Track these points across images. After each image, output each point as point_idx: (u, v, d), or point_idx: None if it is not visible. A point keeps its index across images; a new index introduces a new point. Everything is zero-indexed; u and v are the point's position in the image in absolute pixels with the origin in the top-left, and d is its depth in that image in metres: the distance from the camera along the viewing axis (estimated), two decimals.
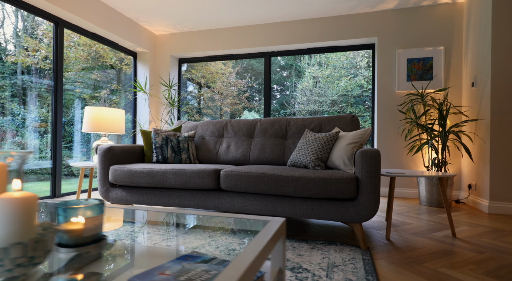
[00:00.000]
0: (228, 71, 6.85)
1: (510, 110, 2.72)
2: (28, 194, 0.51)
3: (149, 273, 0.74)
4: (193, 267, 0.78)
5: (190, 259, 0.83)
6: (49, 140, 3.30)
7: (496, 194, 2.73)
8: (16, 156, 0.60)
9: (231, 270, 0.50)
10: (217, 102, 6.93)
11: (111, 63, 4.61)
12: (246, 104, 7.01)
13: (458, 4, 3.45)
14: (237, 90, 6.88)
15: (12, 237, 0.49)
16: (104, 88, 4.45)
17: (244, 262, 0.53)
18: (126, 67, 4.80)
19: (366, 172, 1.69)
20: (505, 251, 1.72)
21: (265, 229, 0.76)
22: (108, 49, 4.39)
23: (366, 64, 6.59)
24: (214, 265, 0.79)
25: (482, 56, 2.96)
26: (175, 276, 0.73)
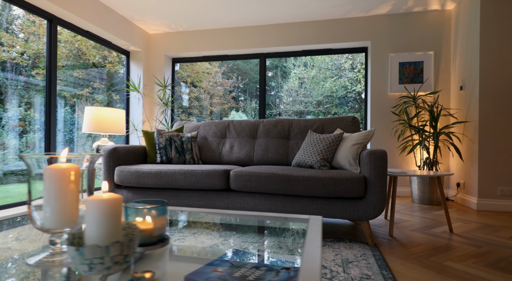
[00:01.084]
0: (214, 71, 6.85)
1: (498, 112, 2.89)
2: (115, 196, 0.52)
3: (202, 270, 0.76)
4: (241, 264, 0.81)
5: (234, 256, 0.86)
6: (37, 141, 3.20)
7: (484, 192, 2.90)
8: (90, 158, 0.61)
9: (307, 271, 0.54)
10: (204, 101, 6.90)
11: (94, 61, 4.50)
12: (232, 104, 7.03)
13: (447, 11, 3.63)
14: (223, 90, 6.89)
15: (104, 236, 0.51)
16: (87, 87, 4.33)
17: (315, 262, 0.57)
18: (110, 65, 4.70)
19: (374, 172, 1.76)
20: (500, 245, 1.84)
21: (312, 227, 0.81)
22: (91, 46, 4.28)
23: (350, 66, 6.76)
24: (261, 262, 0.83)
25: (470, 61, 3.13)
26: (229, 273, 0.75)
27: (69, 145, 3.94)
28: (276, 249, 0.89)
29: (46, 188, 0.58)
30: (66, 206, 0.58)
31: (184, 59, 4.78)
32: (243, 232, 0.97)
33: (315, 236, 0.72)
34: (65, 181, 0.57)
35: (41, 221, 0.59)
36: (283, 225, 1.02)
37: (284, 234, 0.95)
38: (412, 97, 3.44)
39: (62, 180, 0.57)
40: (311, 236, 0.72)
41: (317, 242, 0.67)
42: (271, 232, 0.97)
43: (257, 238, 0.94)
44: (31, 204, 0.60)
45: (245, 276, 0.75)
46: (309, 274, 0.51)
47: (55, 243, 0.59)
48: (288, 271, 0.78)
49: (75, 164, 0.60)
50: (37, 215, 0.59)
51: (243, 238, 0.94)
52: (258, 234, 0.98)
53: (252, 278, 0.75)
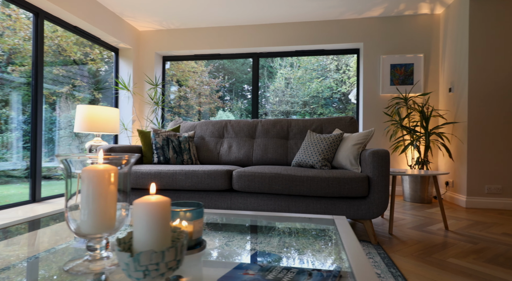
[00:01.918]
0: (200, 70, 6.78)
1: (486, 113, 3.01)
2: (163, 198, 0.50)
3: (233, 273, 0.74)
4: (270, 266, 0.79)
5: (262, 258, 0.84)
6: (14, 140, 3.04)
7: (472, 190, 3.01)
8: (128, 159, 0.58)
9: (363, 274, 0.53)
10: (190, 101, 6.82)
11: (75, 58, 4.33)
12: (219, 103, 6.98)
13: (436, 15, 3.75)
14: (210, 89, 6.83)
15: (155, 241, 0.48)
16: (67, 84, 4.15)
17: (366, 265, 0.57)
18: (92, 63, 4.55)
19: (378, 171, 1.79)
20: (494, 241, 1.92)
21: (342, 228, 0.80)
22: (72, 42, 4.11)
23: (335, 67, 6.87)
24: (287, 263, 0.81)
25: (459, 64, 3.25)
26: (261, 275, 0.74)
27: (48, 145, 3.77)
28: (302, 250, 0.88)
29: (84, 191, 0.54)
30: (105, 210, 0.54)
31: (175, 58, 4.69)
32: (263, 233, 0.96)
33: (351, 237, 0.72)
34: (105, 183, 0.54)
35: (78, 225, 0.55)
36: (303, 226, 1.01)
37: (307, 235, 0.94)
38: (404, 98, 3.53)
39: (102, 182, 0.54)
40: (347, 237, 0.72)
41: (356, 243, 0.66)
42: (293, 233, 0.96)
43: (280, 239, 0.93)
44: (68, 208, 0.56)
45: (278, 278, 0.74)
46: (367, 278, 0.50)
47: (94, 249, 0.56)
48: (321, 273, 0.78)
49: (112, 166, 0.56)
50: (73, 219, 0.56)
51: (266, 239, 0.93)
52: (279, 235, 0.97)
53: (287, 280, 0.74)
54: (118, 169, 0.57)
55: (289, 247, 0.89)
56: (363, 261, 0.58)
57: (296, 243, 0.89)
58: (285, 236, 0.94)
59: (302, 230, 0.98)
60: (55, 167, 3.67)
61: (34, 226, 0.90)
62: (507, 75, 2.98)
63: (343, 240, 0.72)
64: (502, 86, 2.99)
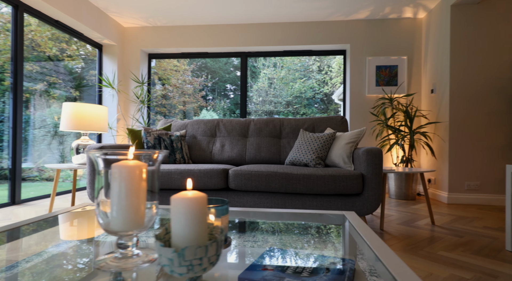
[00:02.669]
0: (182, 69, 6.70)
1: (466, 114, 3.17)
2: (200, 194, 0.50)
3: (252, 269, 0.74)
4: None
5: (277, 253, 0.85)
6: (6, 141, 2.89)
7: (453, 187, 3.17)
8: (160, 156, 0.57)
9: (394, 265, 0.55)
10: (173, 100, 6.72)
11: (50, 54, 4.15)
12: (202, 103, 6.93)
13: (418, 19, 3.90)
14: (193, 88, 6.76)
15: (194, 236, 0.48)
16: (41, 81, 3.97)
17: (392, 256, 0.59)
18: (69, 59, 4.38)
19: (371, 169, 1.84)
20: (478, 234, 2.03)
21: (356, 222, 0.83)
22: (47, 38, 3.93)
23: (318, 68, 7.00)
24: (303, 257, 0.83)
25: (441, 67, 3.40)
26: (280, 270, 0.75)
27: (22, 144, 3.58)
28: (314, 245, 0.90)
29: (115, 187, 0.53)
30: (136, 207, 0.53)
31: (161, 55, 4.61)
32: (275, 229, 0.97)
33: (368, 231, 0.74)
34: (136, 179, 0.53)
35: (108, 222, 0.54)
36: (311, 221, 1.03)
37: (317, 230, 0.96)
38: (389, 99, 3.65)
39: (133, 179, 0.53)
40: (365, 232, 0.74)
41: (376, 236, 0.69)
42: (303, 228, 0.98)
43: (291, 234, 0.95)
44: (99, 204, 0.55)
45: (298, 272, 0.75)
46: (405, 272, 0.52)
47: (125, 247, 0.54)
48: (336, 266, 0.79)
49: (142, 162, 0.55)
50: (102, 216, 0.54)
51: (278, 235, 0.93)
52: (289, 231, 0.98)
53: (306, 274, 0.76)
54: (148, 165, 0.56)
55: (303, 242, 0.90)
56: (391, 254, 0.61)
57: (310, 238, 0.91)
58: (298, 231, 0.95)
59: (314, 226, 0.99)
60: (30, 168, 3.50)
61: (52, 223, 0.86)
62: (486, 77, 3.15)
63: (362, 234, 0.74)
64: (481, 88, 3.16)
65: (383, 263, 0.60)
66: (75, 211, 1.05)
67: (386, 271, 0.57)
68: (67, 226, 0.88)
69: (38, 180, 3.68)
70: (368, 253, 0.69)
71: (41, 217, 0.94)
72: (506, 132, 3.10)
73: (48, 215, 0.96)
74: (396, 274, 0.53)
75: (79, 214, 1.02)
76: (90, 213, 1.04)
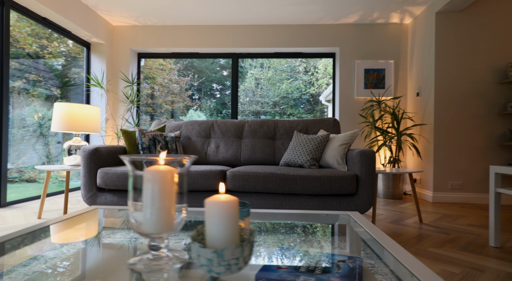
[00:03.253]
0: (168, 68, 6.64)
1: (450, 116, 3.32)
2: (232, 197, 0.52)
3: (267, 268, 0.77)
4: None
5: (287, 252, 0.89)
6: None
7: (438, 186, 3.31)
8: (189, 160, 0.59)
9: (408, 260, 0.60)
10: (159, 99, 6.65)
11: (30, 51, 4.01)
12: (188, 102, 6.89)
13: (404, 25, 4.04)
14: (179, 88, 6.71)
15: (229, 237, 0.51)
16: (19, 78, 3.83)
17: (403, 252, 0.64)
18: (50, 56, 4.27)
19: (365, 170, 1.92)
20: (463, 231, 2.14)
21: (363, 222, 0.87)
22: (27, 33, 3.80)
23: (304, 69, 7.11)
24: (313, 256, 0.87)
25: (426, 71, 3.54)
26: (294, 268, 0.78)
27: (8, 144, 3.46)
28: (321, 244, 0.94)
29: (148, 191, 0.55)
30: (168, 211, 0.56)
31: (151, 55, 4.56)
32: (283, 229, 1.00)
33: (376, 229, 0.79)
34: (167, 184, 0.55)
35: (140, 225, 0.56)
36: (315, 222, 1.08)
37: (322, 229, 1.01)
38: (377, 101, 3.77)
39: (164, 183, 0.55)
40: (374, 232, 0.79)
41: (385, 235, 0.73)
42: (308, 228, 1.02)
43: (298, 234, 0.98)
44: (133, 208, 0.57)
45: (311, 270, 0.79)
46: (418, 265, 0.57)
47: (158, 248, 0.56)
48: (346, 264, 0.84)
49: (171, 167, 0.57)
50: (135, 219, 0.56)
51: (287, 235, 0.97)
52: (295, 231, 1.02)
53: (319, 272, 0.80)
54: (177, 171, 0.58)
55: (311, 241, 0.94)
56: (401, 250, 0.65)
57: (317, 238, 0.95)
58: (304, 231, 0.99)
59: (321, 226, 1.04)
60: (9, 169, 3.39)
61: None
62: (468, 82, 3.31)
63: (372, 233, 0.79)
64: (464, 92, 3.31)
65: (397, 259, 0.65)
66: (87, 213, 1.05)
67: (401, 265, 0.61)
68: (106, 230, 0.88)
69: (18, 182, 3.56)
70: (379, 250, 0.73)
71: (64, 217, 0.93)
72: (486, 134, 3.27)
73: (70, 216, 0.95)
74: (412, 269, 0.58)
75: (112, 217, 1.02)
76: (114, 215, 1.04)
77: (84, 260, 0.61)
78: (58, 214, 2.53)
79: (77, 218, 0.99)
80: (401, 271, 0.61)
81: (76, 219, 0.98)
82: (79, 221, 0.96)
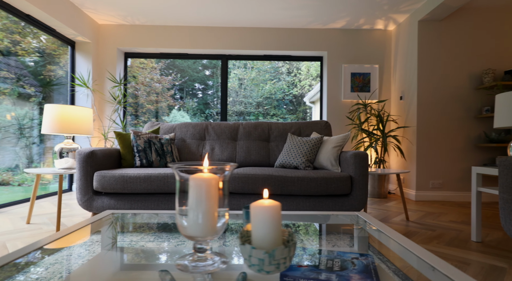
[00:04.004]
0: (150, 66, 6.56)
1: (432, 119, 3.51)
2: (276, 202, 0.57)
3: (290, 267, 0.82)
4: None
5: (303, 252, 0.94)
6: None
7: (420, 185, 3.49)
8: (230, 168, 0.63)
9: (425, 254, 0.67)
10: (140, 98, 6.55)
11: (1, 46, 3.83)
12: (170, 102, 6.83)
13: (388, 31, 4.23)
14: (161, 87, 6.62)
15: (274, 238, 0.55)
16: None
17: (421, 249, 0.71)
18: (24, 52, 4.11)
19: (359, 171, 2.01)
20: (446, 228, 2.29)
21: (374, 221, 0.94)
22: None
23: (287, 70, 7.24)
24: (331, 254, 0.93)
25: (409, 76, 3.73)
26: (314, 266, 0.84)
27: None
28: (333, 243, 1.01)
29: (193, 197, 0.58)
30: (211, 215, 0.59)
31: (139, 55, 4.49)
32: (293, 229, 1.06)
33: (387, 228, 0.86)
34: (212, 190, 0.59)
35: (186, 228, 0.59)
36: (323, 222, 1.14)
37: (333, 229, 1.07)
38: (364, 104, 3.91)
39: (209, 189, 0.59)
40: (385, 228, 0.86)
41: (397, 234, 0.81)
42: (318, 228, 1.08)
43: (310, 233, 1.05)
44: (179, 212, 0.60)
45: (330, 267, 0.85)
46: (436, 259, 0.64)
47: (203, 250, 0.60)
48: (360, 261, 0.91)
49: (214, 174, 0.61)
50: (182, 223, 0.59)
51: (299, 235, 1.03)
52: (306, 230, 1.08)
53: (337, 269, 0.86)
54: (220, 176, 0.62)
55: (323, 240, 1.01)
56: (420, 249, 0.73)
57: (329, 237, 1.01)
58: (315, 231, 1.05)
59: (328, 225, 1.10)
60: None
61: None
62: (448, 87, 3.52)
63: (386, 232, 0.86)
64: (444, 96, 3.52)
65: (416, 255, 0.72)
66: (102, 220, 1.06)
67: (421, 260, 0.69)
68: None
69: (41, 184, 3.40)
70: (394, 246, 0.81)
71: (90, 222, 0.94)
72: (464, 136, 3.49)
73: None
74: (432, 263, 0.65)
75: None
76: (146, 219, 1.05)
77: None
78: (48, 219, 2.46)
79: (99, 223, 1.00)
80: (422, 265, 0.68)
81: (99, 224, 0.99)
82: (108, 225, 0.97)
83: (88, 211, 2.12)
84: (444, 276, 0.61)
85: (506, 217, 1.50)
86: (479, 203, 1.95)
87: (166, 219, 1.12)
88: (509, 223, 1.49)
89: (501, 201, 1.53)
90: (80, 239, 0.83)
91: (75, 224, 0.93)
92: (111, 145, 4.11)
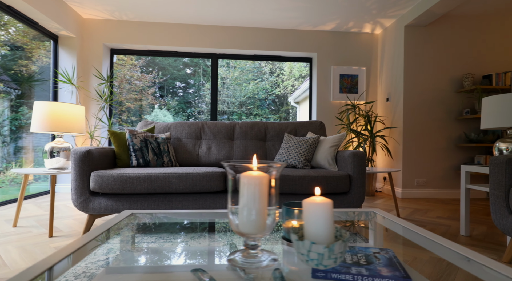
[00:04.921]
0: (130, 63, 6.42)
1: (417, 120, 3.67)
2: (328, 200, 0.59)
3: None
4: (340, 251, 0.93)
5: None
6: None
7: (406, 183, 3.65)
8: (280, 167, 0.64)
9: (455, 246, 0.72)
10: (120, 96, 6.40)
11: None
12: (151, 100, 6.72)
13: (375, 35, 4.37)
14: (142, 85, 6.50)
15: (328, 234, 0.57)
16: None
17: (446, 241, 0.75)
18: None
19: (357, 170, 2.08)
20: (435, 223, 2.41)
21: (393, 218, 0.99)
22: None
23: (269, 71, 7.32)
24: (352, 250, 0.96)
25: (395, 78, 3.88)
26: (342, 261, 0.87)
27: None
28: (353, 238, 1.04)
29: (244, 195, 0.59)
30: (263, 213, 0.61)
31: (125, 51, 4.37)
32: None
33: (409, 224, 0.90)
34: (262, 188, 0.60)
35: (237, 225, 0.60)
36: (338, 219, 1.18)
37: (351, 225, 1.11)
38: (352, 105, 4.03)
39: (260, 188, 0.60)
40: (407, 224, 0.90)
41: (419, 228, 0.85)
42: None
43: None
44: (230, 210, 0.60)
45: (357, 262, 0.89)
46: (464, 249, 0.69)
47: (255, 247, 0.61)
48: (382, 255, 0.95)
49: (263, 172, 0.62)
50: (234, 220, 0.60)
51: None
52: None
53: (364, 263, 0.89)
54: (269, 175, 0.64)
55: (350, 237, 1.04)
56: (451, 242, 0.77)
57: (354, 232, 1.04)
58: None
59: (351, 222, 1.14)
60: None
61: None
62: (431, 89, 3.69)
63: (409, 227, 0.90)
64: (428, 98, 3.69)
65: (445, 246, 0.76)
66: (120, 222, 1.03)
67: (451, 250, 0.73)
68: None
69: None
70: (420, 240, 0.85)
71: None
72: (446, 136, 3.68)
73: None
74: (467, 254, 0.70)
75: None
76: None
77: None
78: (36, 222, 2.35)
79: (121, 225, 0.98)
80: (452, 256, 0.72)
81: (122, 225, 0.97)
82: (142, 228, 0.95)
83: (85, 213, 2.05)
84: (481, 265, 0.65)
85: (497, 212, 1.61)
86: (467, 200, 2.07)
87: (195, 217, 1.11)
88: (500, 217, 1.60)
89: (491, 197, 1.64)
90: (114, 242, 0.82)
91: (97, 226, 0.91)
92: (97, 144, 3.98)
